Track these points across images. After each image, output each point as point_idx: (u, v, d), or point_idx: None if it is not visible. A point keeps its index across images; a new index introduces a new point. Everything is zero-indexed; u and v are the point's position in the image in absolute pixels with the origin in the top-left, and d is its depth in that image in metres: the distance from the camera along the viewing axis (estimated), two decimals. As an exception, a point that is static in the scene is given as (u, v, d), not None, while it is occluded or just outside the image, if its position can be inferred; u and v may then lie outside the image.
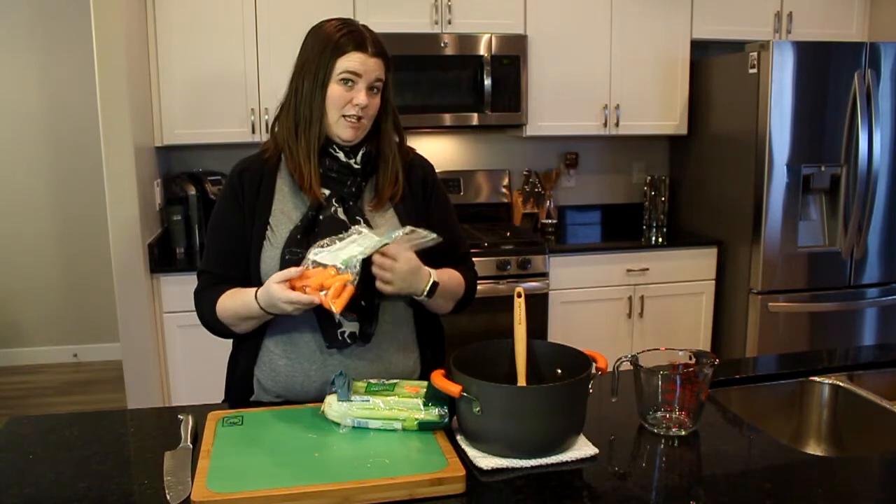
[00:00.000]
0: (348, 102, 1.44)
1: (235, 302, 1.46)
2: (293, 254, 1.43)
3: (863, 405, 1.56)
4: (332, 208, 1.48)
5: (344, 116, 1.45)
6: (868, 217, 3.34)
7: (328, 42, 1.44)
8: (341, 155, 1.50)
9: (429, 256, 1.54)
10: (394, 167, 1.54)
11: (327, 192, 1.50)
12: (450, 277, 1.54)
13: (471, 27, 3.35)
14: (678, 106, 3.67)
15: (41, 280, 4.48)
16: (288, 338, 1.51)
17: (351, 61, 1.43)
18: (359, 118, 1.46)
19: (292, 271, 1.34)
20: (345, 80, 1.44)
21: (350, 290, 1.32)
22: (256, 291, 1.40)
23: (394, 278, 1.39)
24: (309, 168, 1.47)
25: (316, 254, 1.36)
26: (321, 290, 1.31)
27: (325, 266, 1.34)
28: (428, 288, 1.44)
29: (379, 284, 1.40)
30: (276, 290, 1.33)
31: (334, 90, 1.44)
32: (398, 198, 1.55)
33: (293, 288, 1.33)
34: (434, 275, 1.46)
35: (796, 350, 2.83)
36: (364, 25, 1.49)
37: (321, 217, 1.48)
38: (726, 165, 3.51)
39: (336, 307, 1.30)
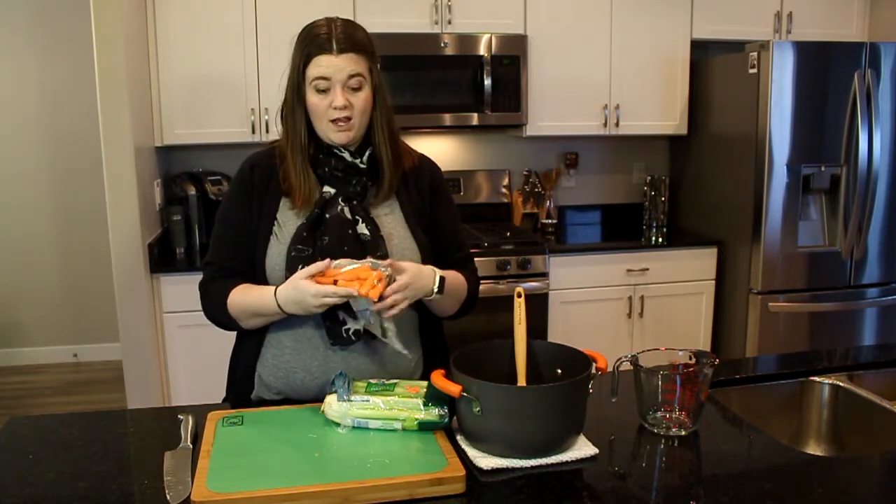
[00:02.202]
0: (328, 108, 1.43)
1: (248, 298, 1.46)
2: (299, 251, 1.43)
3: (863, 405, 1.56)
4: (339, 207, 1.48)
5: (330, 121, 1.44)
6: (868, 217, 3.34)
7: (299, 51, 1.44)
8: (346, 154, 1.49)
9: (430, 258, 1.54)
10: (388, 158, 1.50)
11: (332, 190, 1.49)
12: (453, 276, 1.54)
13: (471, 27, 3.35)
14: (678, 106, 3.67)
15: (41, 280, 4.47)
16: (291, 334, 1.50)
17: (318, 67, 1.41)
18: (346, 119, 1.44)
19: (320, 265, 1.34)
20: (317, 88, 1.43)
21: (385, 283, 1.33)
22: (276, 290, 1.40)
23: (407, 293, 1.38)
24: (299, 181, 1.47)
25: (336, 265, 1.36)
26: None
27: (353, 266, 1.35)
28: (437, 284, 1.44)
29: (393, 311, 1.38)
30: (306, 284, 1.33)
31: (311, 100, 1.44)
32: (394, 188, 1.54)
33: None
34: (438, 271, 1.46)
35: (796, 350, 2.83)
36: (343, 21, 1.46)
37: (327, 216, 1.47)
38: (726, 165, 3.51)
39: (373, 294, 1.31)
